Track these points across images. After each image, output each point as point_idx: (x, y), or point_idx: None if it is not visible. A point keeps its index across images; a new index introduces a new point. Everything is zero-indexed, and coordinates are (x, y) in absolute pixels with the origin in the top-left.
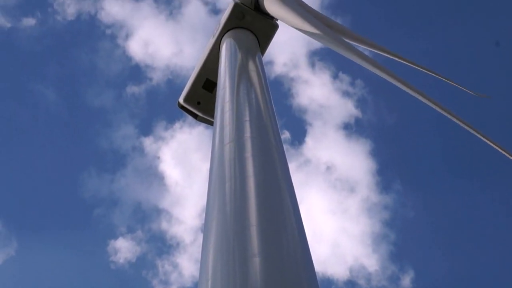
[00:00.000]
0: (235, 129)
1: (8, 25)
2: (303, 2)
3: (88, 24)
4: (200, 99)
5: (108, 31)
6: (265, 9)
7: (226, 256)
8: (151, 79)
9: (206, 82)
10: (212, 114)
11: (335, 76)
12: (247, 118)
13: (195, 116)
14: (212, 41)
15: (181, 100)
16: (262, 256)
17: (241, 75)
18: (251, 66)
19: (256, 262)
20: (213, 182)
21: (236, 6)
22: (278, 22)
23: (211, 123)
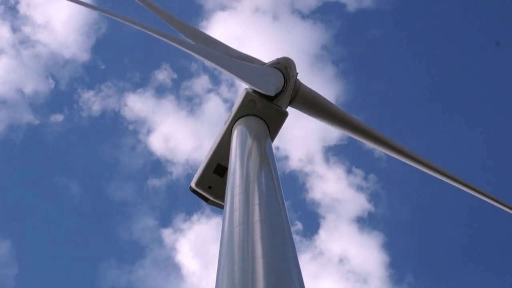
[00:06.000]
0: (245, 213)
1: (37, 121)
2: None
3: (112, 120)
4: (211, 183)
5: (131, 127)
6: (298, 105)
7: None
8: (171, 173)
9: (217, 167)
10: (222, 198)
11: (349, 171)
12: (256, 202)
13: (206, 199)
14: (224, 127)
15: (192, 184)
16: None
17: (251, 161)
18: (261, 152)
19: None
20: (222, 264)
21: (247, 95)
22: (288, 110)
23: (221, 207)
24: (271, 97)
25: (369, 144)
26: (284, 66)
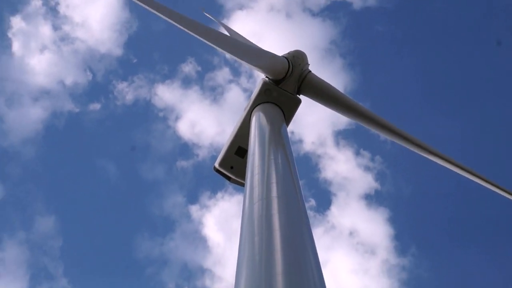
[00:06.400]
0: (264, 190)
1: (77, 110)
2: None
3: (144, 108)
4: (233, 164)
5: (161, 114)
6: (306, 93)
7: None
8: (197, 155)
9: (238, 149)
10: (243, 177)
11: (357, 153)
12: (273, 180)
13: (228, 178)
14: (244, 114)
15: (216, 164)
16: None
17: (268, 143)
18: (277, 135)
19: None
20: (243, 235)
21: (264, 84)
22: (301, 97)
23: (242, 185)
24: (278, 81)
25: (374, 131)
26: (292, 55)
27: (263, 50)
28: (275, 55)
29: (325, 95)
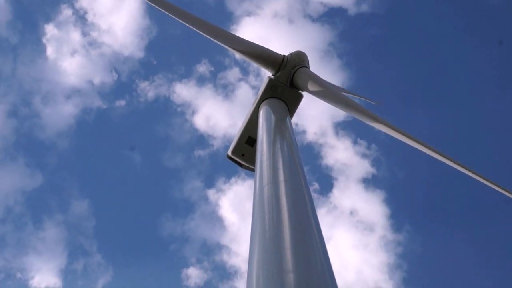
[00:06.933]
0: (272, 174)
1: (104, 106)
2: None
3: (163, 104)
4: (244, 151)
5: (179, 109)
6: (298, 85)
7: (266, 272)
8: (212, 145)
9: (248, 138)
10: (253, 163)
11: (355, 142)
12: (280, 165)
13: (240, 165)
14: (252, 108)
15: (229, 152)
16: (295, 272)
17: (275, 133)
18: (282, 126)
19: (290, 277)
20: (255, 214)
21: (270, 81)
22: (303, 93)
23: (253, 170)
24: (274, 74)
25: (361, 119)
26: (290, 53)
27: (263, 47)
28: (272, 50)
29: (314, 86)
